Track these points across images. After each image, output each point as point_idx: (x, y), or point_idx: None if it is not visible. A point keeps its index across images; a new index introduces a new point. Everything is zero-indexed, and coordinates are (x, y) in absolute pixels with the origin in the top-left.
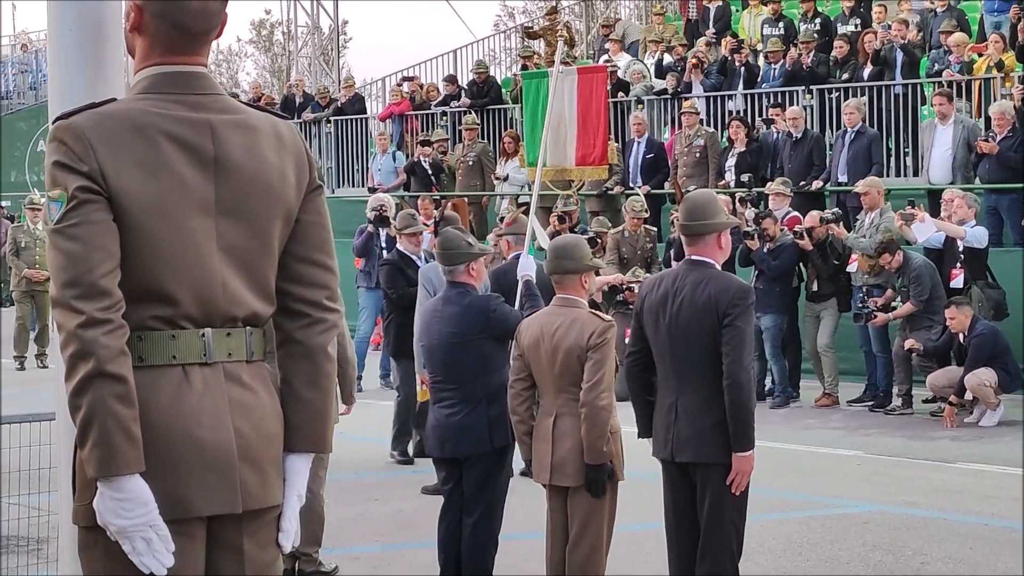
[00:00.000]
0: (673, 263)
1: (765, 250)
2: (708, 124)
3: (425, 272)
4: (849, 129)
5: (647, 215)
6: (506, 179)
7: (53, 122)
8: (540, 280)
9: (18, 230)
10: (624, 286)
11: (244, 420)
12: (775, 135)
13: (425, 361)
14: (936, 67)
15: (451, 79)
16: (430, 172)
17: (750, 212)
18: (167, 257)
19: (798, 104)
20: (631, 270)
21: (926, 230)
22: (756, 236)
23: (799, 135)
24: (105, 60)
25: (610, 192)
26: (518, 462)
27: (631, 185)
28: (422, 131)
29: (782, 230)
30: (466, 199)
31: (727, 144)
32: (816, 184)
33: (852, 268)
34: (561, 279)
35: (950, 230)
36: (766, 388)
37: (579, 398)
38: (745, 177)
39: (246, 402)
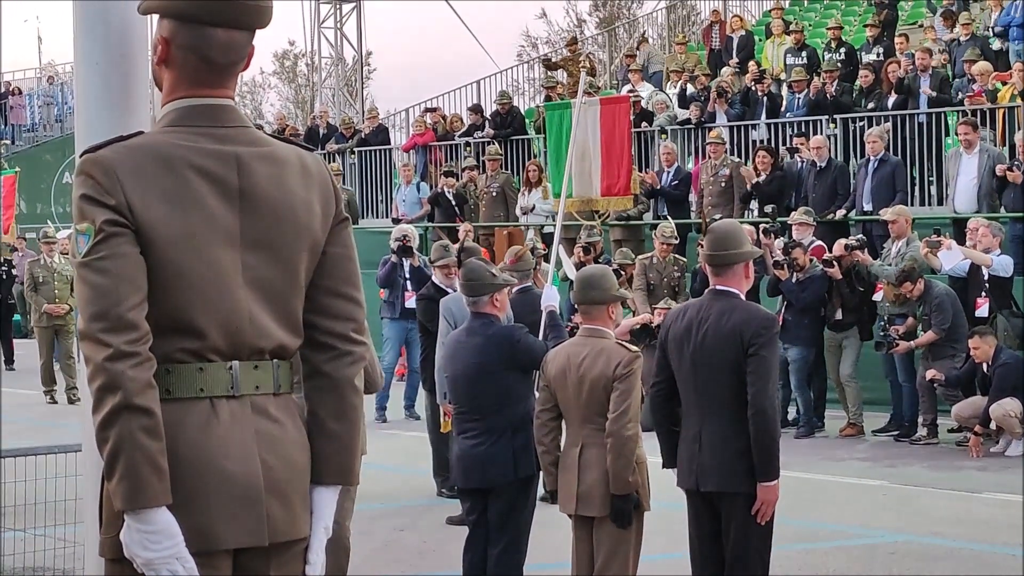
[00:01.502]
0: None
1: (794, 281)
2: (731, 154)
3: (446, 304)
4: (872, 157)
5: (676, 241)
6: (532, 210)
7: (81, 155)
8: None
9: (34, 265)
10: (655, 325)
11: (271, 453)
12: (799, 164)
13: (449, 392)
14: (960, 96)
15: (476, 108)
16: (454, 203)
17: (779, 242)
18: (194, 289)
19: (822, 133)
20: (663, 300)
21: (952, 258)
22: (786, 266)
23: (823, 164)
24: (131, 93)
25: (631, 219)
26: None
27: (660, 215)
28: (446, 162)
29: (811, 260)
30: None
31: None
32: (840, 213)
33: (877, 297)
34: (588, 309)
35: (977, 258)
36: (790, 418)
37: (605, 428)
38: (768, 208)
39: (273, 434)
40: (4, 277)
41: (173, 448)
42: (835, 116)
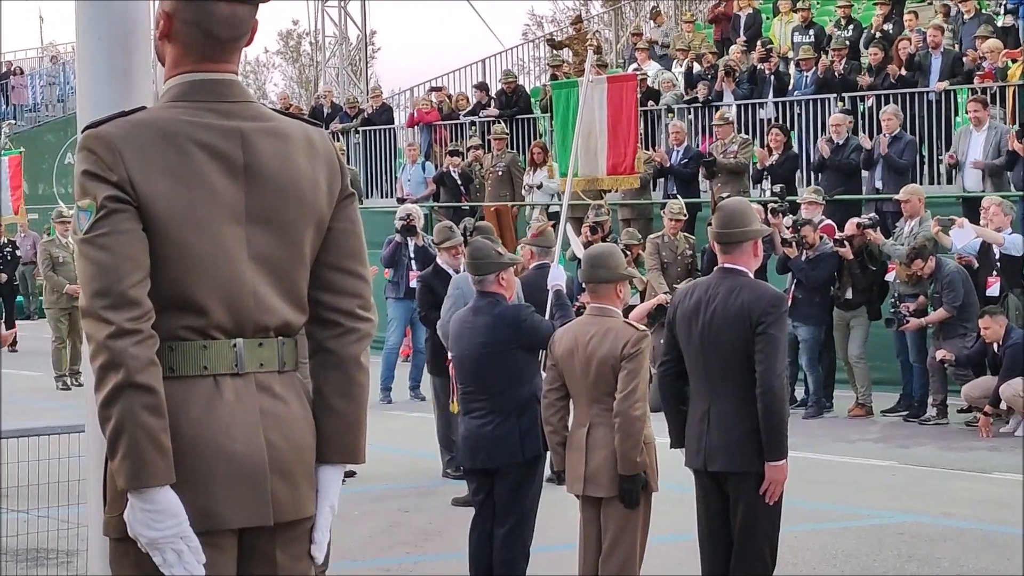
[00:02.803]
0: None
1: (804, 259)
2: (740, 132)
3: (457, 282)
4: (887, 135)
5: (685, 218)
6: (540, 187)
7: (82, 131)
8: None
9: (51, 244)
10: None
11: (276, 431)
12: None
13: (456, 372)
14: (967, 68)
15: (481, 86)
16: (459, 182)
17: (787, 220)
18: (197, 266)
19: (830, 112)
20: (684, 281)
21: (964, 236)
22: (795, 244)
23: (840, 142)
24: (134, 69)
25: (640, 200)
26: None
27: (669, 194)
28: (451, 141)
29: (821, 238)
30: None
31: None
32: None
33: (890, 277)
34: (595, 288)
35: (989, 236)
36: (799, 398)
37: (613, 408)
38: (778, 187)
39: (278, 413)
40: (9, 258)
41: (176, 427)
42: (843, 94)
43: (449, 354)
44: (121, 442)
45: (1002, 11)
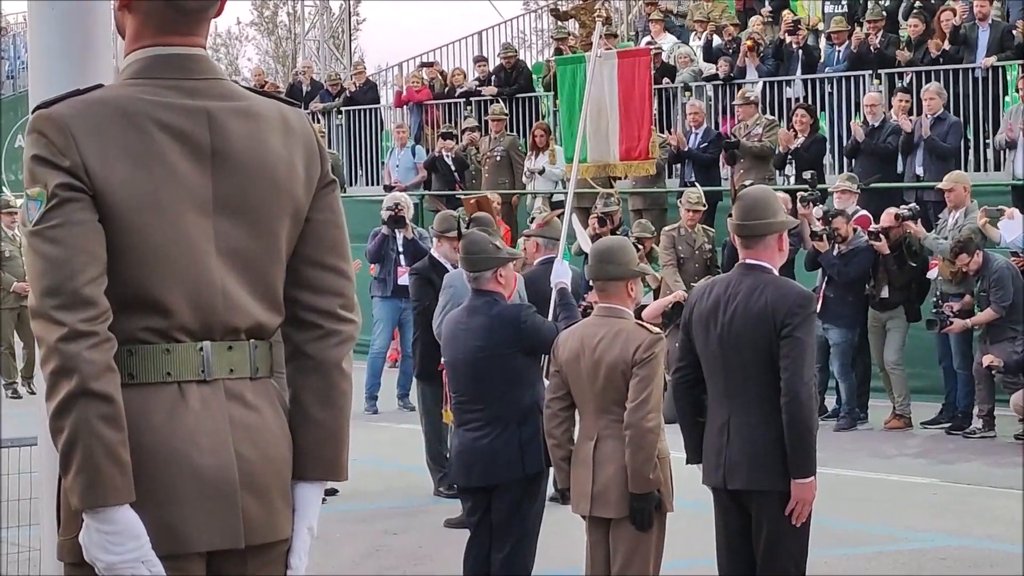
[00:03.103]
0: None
1: (836, 253)
2: (766, 112)
3: (451, 279)
4: (929, 116)
5: (704, 208)
6: (542, 172)
7: (33, 111)
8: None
9: None
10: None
11: (248, 443)
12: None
13: (449, 379)
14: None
15: (480, 59)
16: (453, 168)
17: (817, 210)
18: (160, 261)
19: (865, 91)
20: (704, 279)
21: (1014, 228)
22: (826, 237)
23: (876, 123)
24: (92, 42)
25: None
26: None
27: (687, 181)
28: (444, 122)
29: (855, 230)
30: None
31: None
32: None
33: (932, 274)
34: (604, 286)
35: None
36: (830, 408)
37: (623, 419)
38: (808, 174)
39: (250, 423)
40: None
41: (137, 439)
42: (879, 71)
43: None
44: (75, 456)
45: None
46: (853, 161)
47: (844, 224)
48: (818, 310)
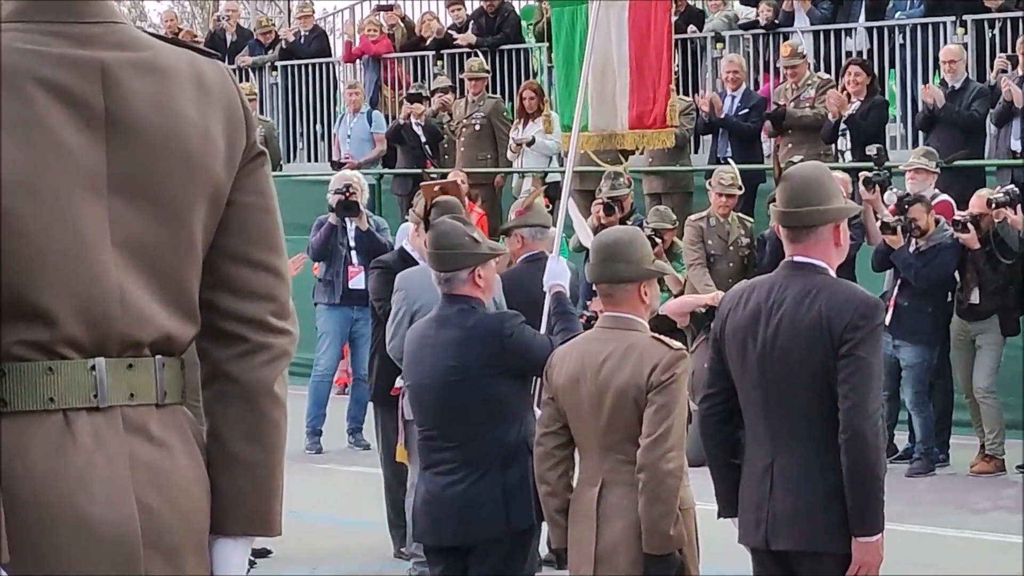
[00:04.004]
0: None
1: (913, 250)
2: (819, 70)
3: (404, 281)
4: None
5: (740, 192)
6: (532, 144)
7: None
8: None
9: None
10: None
11: (153, 490)
12: None
13: (412, 409)
14: None
15: (455, 1)
16: (424, 139)
17: (890, 195)
18: (39, 255)
19: (946, 42)
20: (739, 282)
21: None
22: (900, 230)
23: (957, 85)
24: None
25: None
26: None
27: (721, 156)
28: (413, 80)
29: (937, 221)
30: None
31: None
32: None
33: None
34: (611, 290)
35: None
36: (901, 447)
37: (635, 460)
38: (872, 148)
39: (156, 464)
40: None
41: (12, 483)
42: (964, 17)
43: (399, 380)
44: None
45: None
46: (928, 133)
47: (924, 213)
48: (888, 322)
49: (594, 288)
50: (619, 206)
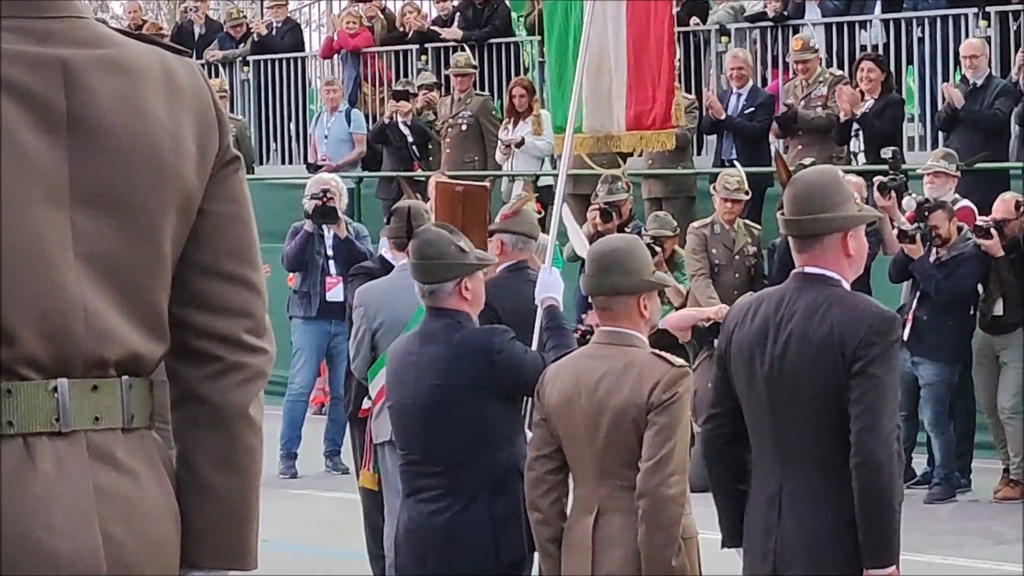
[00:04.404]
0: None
1: (933, 261)
2: (831, 65)
3: (364, 296)
4: None
5: (747, 196)
6: (521, 145)
7: None
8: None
9: None
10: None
11: (119, 521)
12: None
13: (394, 432)
14: None
15: None
16: (411, 140)
17: (909, 201)
18: None
19: (968, 35)
20: (747, 294)
21: None
22: (919, 238)
23: (980, 82)
24: None
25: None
26: None
27: (725, 159)
28: (398, 76)
29: (960, 229)
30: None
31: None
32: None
33: None
34: (608, 303)
35: None
36: (919, 472)
37: (634, 486)
38: (888, 151)
39: (122, 493)
40: None
41: None
42: (987, 9)
43: (366, 400)
44: None
45: None
46: (948, 133)
47: (945, 220)
48: (905, 337)
49: (589, 301)
50: (617, 212)
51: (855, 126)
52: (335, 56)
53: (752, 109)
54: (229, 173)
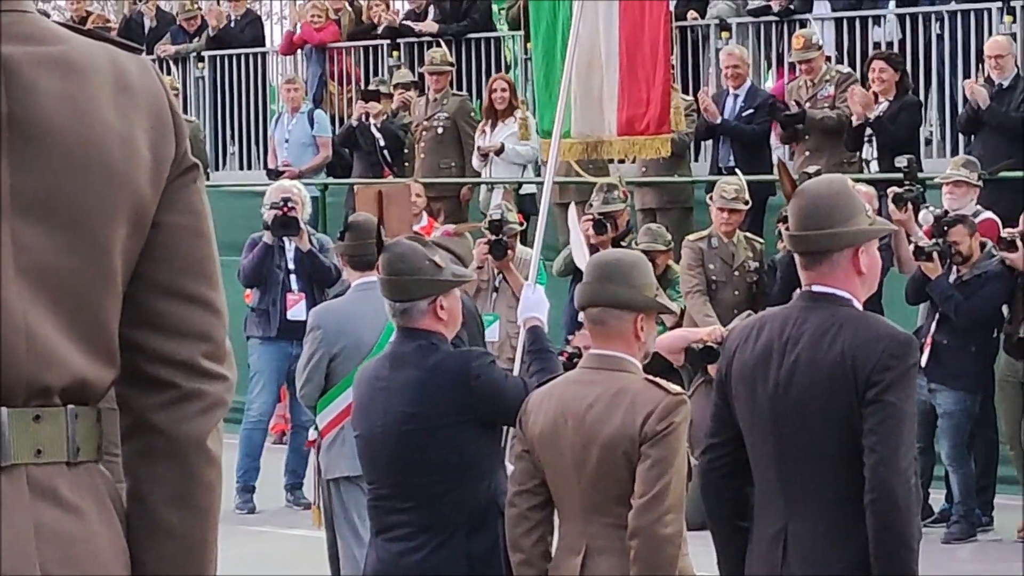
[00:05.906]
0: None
1: (953, 280)
2: (841, 63)
3: (320, 317)
4: None
5: (747, 206)
6: (501, 152)
7: None
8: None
9: None
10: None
11: (62, 562)
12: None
13: (362, 463)
14: None
15: None
16: (382, 144)
17: (926, 214)
18: None
19: (993, 32)
20: (744, 314)
21: None
22: (937, 255)
23: (1007, 83)
24: None
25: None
26: None
27: (722, 165)
28: (371, 75)
29: (983, 246)
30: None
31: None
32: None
33: None
34: (603, 317)
35: None
36: (937, 508)
37: (626, 524)
38: (903, 159)
39: (66, 532)
40: None
41: None
42: (1012, 3)
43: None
44: None
45: None
46: (971, 138)
47: (966, 236)
48: (923, 363)
49: (580, 319)
50: (612, 223)
51: (868, 131)
52: (298, 52)
53: (751, 111)
54: (187, 182)
